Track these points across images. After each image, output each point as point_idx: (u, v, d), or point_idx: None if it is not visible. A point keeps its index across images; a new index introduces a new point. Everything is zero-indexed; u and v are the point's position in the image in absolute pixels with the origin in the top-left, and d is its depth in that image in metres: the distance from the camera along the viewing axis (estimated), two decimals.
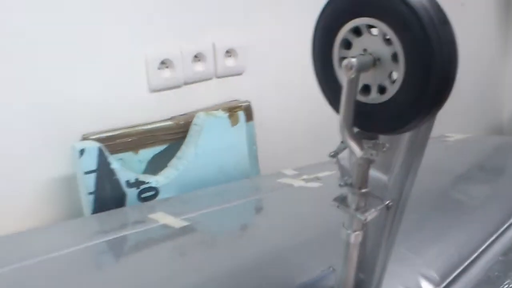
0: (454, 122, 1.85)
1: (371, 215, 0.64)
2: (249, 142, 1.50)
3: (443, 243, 0.94)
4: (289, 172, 1.41)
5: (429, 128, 0.59)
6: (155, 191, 1.32)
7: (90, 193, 1.24)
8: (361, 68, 0.52)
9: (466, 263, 0.91)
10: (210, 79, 1.52)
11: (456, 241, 0.95)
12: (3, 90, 1.21)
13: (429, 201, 1.10)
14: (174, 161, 1.38)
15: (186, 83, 1.47)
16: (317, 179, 1.30)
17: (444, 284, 0.85)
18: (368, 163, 0.61)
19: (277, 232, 1.01)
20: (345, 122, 0.55)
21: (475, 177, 1.29)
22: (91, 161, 1.22)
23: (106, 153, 1.25)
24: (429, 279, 0.83)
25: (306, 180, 1.30)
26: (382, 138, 0.60)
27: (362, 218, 0.63)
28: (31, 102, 1.25)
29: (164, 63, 1.41)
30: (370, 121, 0.56)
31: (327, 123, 1.85)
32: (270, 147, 1.65)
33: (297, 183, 1.29)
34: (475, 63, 2.39)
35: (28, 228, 1.20)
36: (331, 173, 1.36)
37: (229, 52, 1.54)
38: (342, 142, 0.60)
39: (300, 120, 1.78)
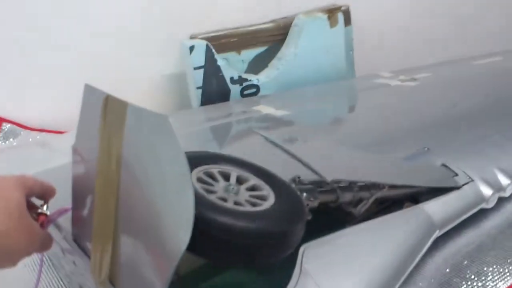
0: None
1: None
2: (347, 47, 1.53)
3: None
4: (386, 74, 1.44)
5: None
6: (256, 89, 1.41)
7: (198, 88, 1.35)
8: None
9: None
10: None
11: None
12: None
13: None
14: (274, 62, 1.45)
15: None
16: (414, 79, 1.33)
17: None
18: None
19: (373, 122, 1.06)
20: None
21: None
22: (199, 57, 1.32)
23: (213, 51, 1.34)
24: (505, 172, 0.85)
25: (403, 80, 1.33)
26: None
27: None
28: (146, 6, 1.36)
29: None
30: None
31: (425, 29, 1.84)
32: (367, 53, 1.67)
33: (394, 82, 1.32)
34: None
35: None
36: (428, 74, 1.38)
37: None
38: None
39: (397, 26, 1.77)
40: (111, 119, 0.52)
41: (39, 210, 0.57)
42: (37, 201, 0.58)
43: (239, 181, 0.61)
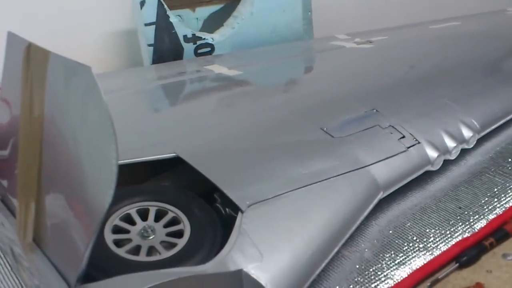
0: None
1: None
2: (304, 7, 1.49)
3: (487, 98, 0.96)
4: (342, 36, 1.42)
5: None
6: (210, 48, 1.37)
7: (150, 45, 1.29)
8: None
9: (508, 117, 0.94)
10: None
11: (501, 98, 0.97)
12: None
13: (481, 63, 1.11)
14: (230, 20, 1.41)
15: None
16: (369, 42, 1.31)
17: (484, 133, 0.88)
18: None
19: (324, 83, 1.05)
20: None
21: None
22: (151, 13, 1.27)
23: (165, 7, 1.28)
24: (469, 126, 0.86)
25: (358, 43, 1.31)
26: None
27: None
28: None
29: None
30: None
31: None
32: (325, 15, 1.64)
33: (349, 45, 1.31)
34: None
35: None
36: (384, 37, 1.37)
37: None
38: None
39: None
40: (34, 68, 0.48)
41: None
42: None
43: (158, 215, 0.63)
